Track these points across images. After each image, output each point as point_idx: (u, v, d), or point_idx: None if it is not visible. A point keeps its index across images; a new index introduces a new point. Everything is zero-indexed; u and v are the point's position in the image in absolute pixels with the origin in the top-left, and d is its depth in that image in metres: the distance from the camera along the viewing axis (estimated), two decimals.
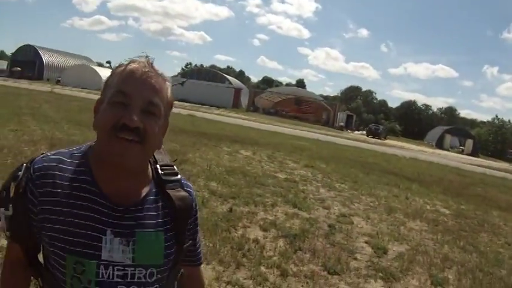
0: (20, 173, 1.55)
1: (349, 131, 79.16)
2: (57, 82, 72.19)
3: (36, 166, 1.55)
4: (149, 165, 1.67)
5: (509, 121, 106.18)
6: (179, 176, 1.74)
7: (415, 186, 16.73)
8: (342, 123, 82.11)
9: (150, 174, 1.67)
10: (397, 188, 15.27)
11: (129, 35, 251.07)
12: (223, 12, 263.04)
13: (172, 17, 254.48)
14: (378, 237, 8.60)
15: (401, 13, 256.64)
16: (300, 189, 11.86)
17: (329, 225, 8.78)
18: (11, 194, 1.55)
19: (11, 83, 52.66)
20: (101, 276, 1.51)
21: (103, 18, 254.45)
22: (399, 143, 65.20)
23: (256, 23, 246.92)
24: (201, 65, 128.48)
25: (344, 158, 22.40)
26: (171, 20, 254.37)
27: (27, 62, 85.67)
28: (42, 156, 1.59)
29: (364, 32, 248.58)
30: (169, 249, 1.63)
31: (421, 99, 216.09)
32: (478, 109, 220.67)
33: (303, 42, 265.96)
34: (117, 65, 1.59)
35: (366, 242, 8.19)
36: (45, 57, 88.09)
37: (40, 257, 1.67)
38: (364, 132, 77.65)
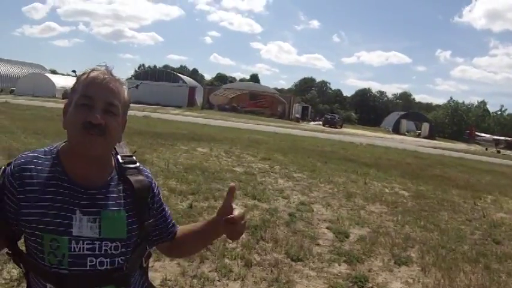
0: None
1: (305, 122, 79.51)
2: (11, 92, 70.77)
3: (15, 163, 1.81)
4: (112, 156, 1.95)
5: (463, 102, 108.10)
6: (137, 164, 2.03)
7: (373, 171, 16.91)
8: (297, 115, 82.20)
9: (112, 163, 1.94)
10: (355, 174, 15.38)
11: (80, 40, 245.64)
12: (174, 11, 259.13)
13: (123, 19, 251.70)
14: (338, 223, 8.66)
15: (352, 2, 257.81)
16: (258, 182, 11.84)
17: (289, 214, 8.78)
18: None
19: None
20: (72, 250, 1.75)
21: (53, 24, 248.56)
22: (356, 131, 65.76)
23: (207, 21, 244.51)
24: (154, 66, 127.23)
25: (301, 149, 22.42)
26: (122, 23, 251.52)
27: None
28: (21, 154, 1.86)
29: (315, 23, 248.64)
30: (131, 226, 1.89)
31: (375, 87, 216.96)
32: (434, 93, 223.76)
33: (255, 37, 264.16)
34: (81, 73, 1.86)
35: (327, 228, 8.24)
36: None
37: (20, 246, 1.89)
38: (321, 122, 78.02)
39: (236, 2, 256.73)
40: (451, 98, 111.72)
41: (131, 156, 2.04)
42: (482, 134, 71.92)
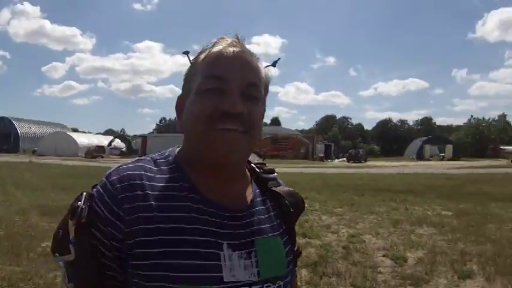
0: (80, 203, 1.17)
1: (329, 160, 79.56)
2: (34, 152, 71.99)
3: (113, 178, 1.21)
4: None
5: (483, 118, 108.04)
6: (275, 174, 1.52)
7: (410, 197, 17.10)
8: (321, 154, 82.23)
9: (247, 172, 1.44)
10: (394, 202, 15.60)
11: (99, 97, 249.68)
12: None
13: (141, 73, 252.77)
14: (393, 249, 8.82)
15: (365, 35, 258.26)
16: (303, 220, 11.94)
17: (343, 247, 8.93)
18: (71, 235, 1.17)
19: None
20: None
21: (72, 83, 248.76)
22: (381, 163, 65.48)
23: None
24: (175, 118, 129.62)
25: (333, 185, 22.57)
26: (140, 77, 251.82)
27: (1, 135, 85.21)
28: (118, 167, 1.26)
29: (331, 60, 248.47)
30: (289, 256, 1.37)
31: (396, 116, 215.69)
32: (453, 114, 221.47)
33: (273, 80, 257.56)
34: (199, 50, 1.36)
35: (384, 255, 8.39)
36: (20, 129, 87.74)
37: None
38: (344, 159, 78.10)
39: (251, 47, 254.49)
40: (472, 116, 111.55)
41: (264, 164, 1.54)
42: (507, 147, 72.04)
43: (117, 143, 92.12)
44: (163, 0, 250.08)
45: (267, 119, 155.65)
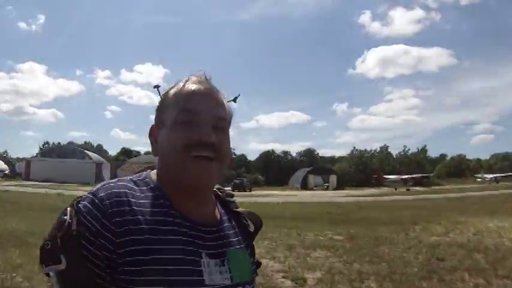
0: (66, 217, 1.27)
1: None
2: None
3: (102, 194, 1.32)
4: None
5: (365, 149, 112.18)
6: (235, 198, 1.72)
7: (300, 224, 17.50)
8: None
9: (213, 196, 1.60)
10: (285, 228, 15.85)
11: None
12: (74, 86, 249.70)
13: (24, 95, 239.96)
14: (291, 271, 8.99)
15: (246, 68, 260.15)
16: None
17: None
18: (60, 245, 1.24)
19: None
20: None
21: None
22: (266, 192, 66.36)
23: (106, 95, 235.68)
24: (59, 143, 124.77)
25: None
26: (23, 99, 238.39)
27: None
28: (103, 184, 1.39)
29: None
30: (253, 265, 1.61)
31: (278, 148, 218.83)
32: (335, 146, 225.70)
33: (154, 110, 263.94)
34: (173, 84, 1.54)
35: (284, 277, 8.52)
36: None
37: None
38: (229, 188, 78.57)
39: (134, 75, 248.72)
40: (354, 147, 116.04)
41: (223, 188, 1.71)
42: (390, 176, 75.08)
43: (0, 165, 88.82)
44: (48, 20, 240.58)
45: (149, 148, 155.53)
